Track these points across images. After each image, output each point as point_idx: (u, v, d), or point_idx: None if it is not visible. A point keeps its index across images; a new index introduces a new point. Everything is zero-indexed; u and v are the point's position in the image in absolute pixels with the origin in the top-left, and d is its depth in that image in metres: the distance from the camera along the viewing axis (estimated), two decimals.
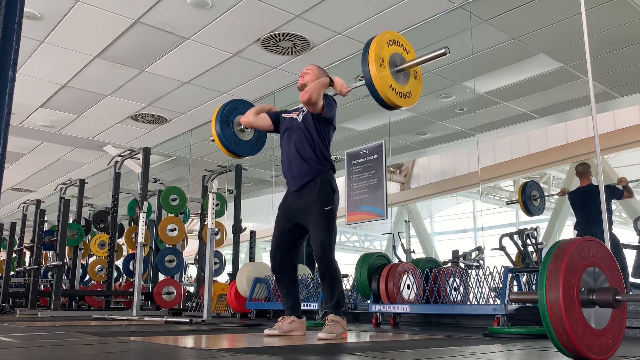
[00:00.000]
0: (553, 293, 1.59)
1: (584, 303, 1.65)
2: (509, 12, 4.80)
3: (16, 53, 1.18)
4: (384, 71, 2.80)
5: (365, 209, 6.28)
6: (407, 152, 9.08)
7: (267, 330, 3.05)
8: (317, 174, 3.07)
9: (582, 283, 1.67)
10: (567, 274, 1.62)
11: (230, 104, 3.55)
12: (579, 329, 1.61)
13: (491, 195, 12.89)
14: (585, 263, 1.70)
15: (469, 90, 6.43)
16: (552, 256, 1.65)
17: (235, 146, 3.53)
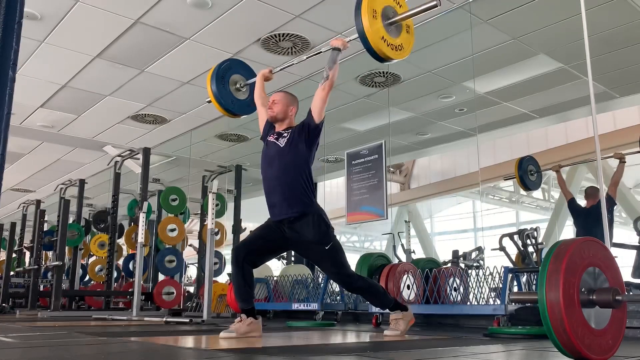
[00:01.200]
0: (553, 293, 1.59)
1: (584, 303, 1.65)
2: (509, 12, 4.80)
3: (16, 53, 1.18)
4: (377, 23, 2.81)
5: (365, 209, 6.28)
6: (407, 152, 9.08)
7: (223, 333, 2.88)
8: (307, 209, 2.95)
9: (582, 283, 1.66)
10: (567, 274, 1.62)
11: (225, 63, 3.52)
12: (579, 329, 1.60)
13: (491, 195, 12.89)
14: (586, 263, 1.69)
15: (469, 90, 6.43)
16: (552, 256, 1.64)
17: (232, 105, 3.48)
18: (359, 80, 6.21)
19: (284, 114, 3.15)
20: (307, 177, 3.02)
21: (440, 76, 6.11)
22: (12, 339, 2.74)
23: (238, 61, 3.64)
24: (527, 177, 5.48)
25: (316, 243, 2.94)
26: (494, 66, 5.90)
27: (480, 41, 5.27)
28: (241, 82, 3.54)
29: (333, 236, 3.00)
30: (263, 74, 3.41)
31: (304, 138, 3.03)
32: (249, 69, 3.73)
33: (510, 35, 5.21)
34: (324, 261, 3.00)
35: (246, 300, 2.98)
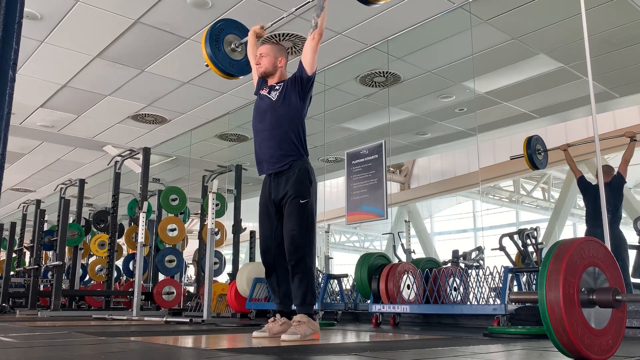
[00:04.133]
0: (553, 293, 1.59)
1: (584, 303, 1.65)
2: (509, 12, 4.80)
3: (16, 53, 1.18)
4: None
5: (365, 209, 6.28)
6: (407, 152, 9.08)
7: (255, 333, 2.91)
8: (294, 161, 2.90)
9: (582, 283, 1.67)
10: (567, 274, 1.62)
11: (218, 24, 3.44)
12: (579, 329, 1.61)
13: (491, 195, 12.89)
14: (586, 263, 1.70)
15: (469, 90, 6.43)
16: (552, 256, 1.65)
17: (230, 68, 3.41)
18: (359, 80, 6.21)
19: (273, 66, 3.09)
20: (300, 131, 2.97)
21: (440, 76, 6.11)
22: (12, 338, 2.75)
23: (231, 20, 3.53)
24: (535, 156, 5.53)
25: (294, 194, 2.85)
26: (494, 66, 5.90)
27: (480, 41, 5.27)
28: (236, 42, 3.45)
29: (313, 196, 2.91)
30: (254, 30, 3.33)
31: (297, 90, 2.99)
32: (243, 27, 3.62)
33: (510, 35, 5.21)
34: (292, 215, 2.83)
35: (282, 302, 2.97)
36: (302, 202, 2.87)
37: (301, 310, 2.81)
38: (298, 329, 2.71)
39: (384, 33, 5.14)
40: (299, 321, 2.75)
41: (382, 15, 4.78)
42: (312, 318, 2.80)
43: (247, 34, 3.47)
